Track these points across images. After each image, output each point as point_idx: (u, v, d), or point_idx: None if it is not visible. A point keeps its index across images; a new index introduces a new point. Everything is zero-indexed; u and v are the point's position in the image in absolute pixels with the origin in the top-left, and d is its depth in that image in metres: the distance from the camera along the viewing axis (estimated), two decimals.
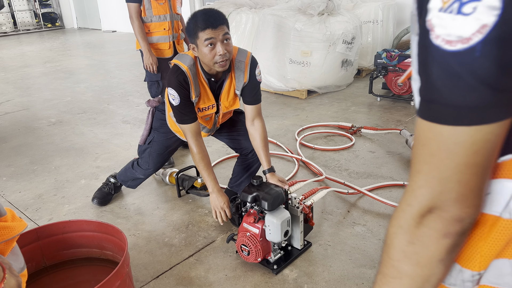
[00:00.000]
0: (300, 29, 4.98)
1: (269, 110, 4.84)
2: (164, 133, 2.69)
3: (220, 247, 2.44)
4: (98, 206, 2.88)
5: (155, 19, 3.52)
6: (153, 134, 2.73)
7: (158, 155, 2.73)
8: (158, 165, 2.77)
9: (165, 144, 2.72)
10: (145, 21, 3.54)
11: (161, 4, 3.50)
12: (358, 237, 2.48)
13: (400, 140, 3.80)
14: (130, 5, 3.48)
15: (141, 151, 2.79)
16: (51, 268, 2.11)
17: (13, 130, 4.49)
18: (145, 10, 3.48)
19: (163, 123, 2.67)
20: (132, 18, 3.52)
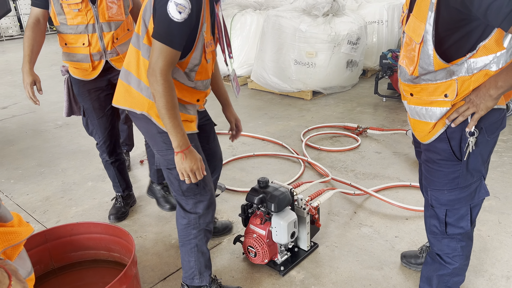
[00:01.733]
0: (305, 30, 4.98)
1: (274, 111, 4.85)
2: (89, 95, 2.55)
3: (226, 248, 2.45)
4: (116, 222, 2.77)
5: None
6: (81, 103, 2.61)
7: (100, 120, 2.61)
8: (107, 131, 2.66)
9: (98, 106, 2.58)
10: None
11: None
12: (365, 238, 2.47)
13: (406, 140, 3.78)
14: None
15: (86, 127, 2.70)
16: (59, 270, 2.12)
17: (20, 133, 4.52)
18: None
19: None
20: None
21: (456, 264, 1.72)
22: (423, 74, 1.48)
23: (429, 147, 1.61)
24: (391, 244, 2.41)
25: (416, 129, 1.65)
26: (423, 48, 1.42)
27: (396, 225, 2.59)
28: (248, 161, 3.58)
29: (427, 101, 1.53)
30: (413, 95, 1.57)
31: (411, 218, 2.65)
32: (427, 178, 1.67)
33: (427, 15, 1.36)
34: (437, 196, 1.64)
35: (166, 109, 1.61)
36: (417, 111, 1.58)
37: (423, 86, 1.51)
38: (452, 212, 1.63)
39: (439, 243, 1.72)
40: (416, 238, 2.44)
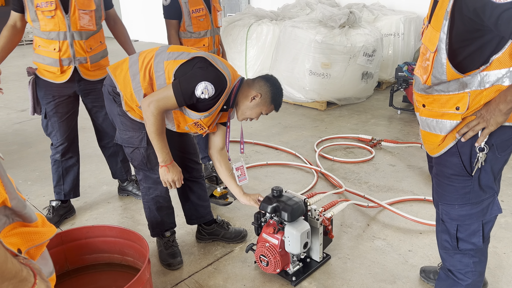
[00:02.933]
0: (321, 41, 5.00)
1: (288, 121, 4.86)
2: (53, 99, 2.66)
3: (238, 256, 2.45)
4: None
5: (195, 35, 3.16)
6: (44, 106, 2.69)
7: (61, 124, 2.73)
8: (66, 134, 2.78)
9: (60, 110, 2.70)
10: (184, 37, 3.16)
11: (202, 20, 3.13)
12: (378, 251, 2.45)
13: (421, 154, 3.76)
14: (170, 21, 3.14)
15: (45, 128, 2.77)
16: (73, 272, 2.15)
17: (38, 136, 4.60)
18: (185, 26, 3.11)
19: None
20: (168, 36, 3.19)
21: (469, 280, 1.69)
22: (436, 84, 1.48)
23: (440, 161, 1.61)
24: (404, 258, 2.38)
25: (426, 141, 1.65)
26: (436, 57, 1.43)
27: (409, 239, 2.56)
28: (261, 170, 3.59)
29: (438, 113, 1.53)
30: (425, 106, 1.58)
31: (425, 232, 2.62)
32: (438, 192, 1.66)
33: (442, 24, 1.38)
34: (448, 211, 1.62)
35: (155, 134, 2.01)
36: (428, 123, 1.59)
37: (436, 97, 1.51)
38: (463, 227, 1.61)
39: (451, 258, 1.70)
40: (430, 253, 2.42)
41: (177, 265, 2.38)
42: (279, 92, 2.16)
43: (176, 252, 2.43)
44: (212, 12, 3.18)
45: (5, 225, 0.82)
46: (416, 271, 2.28)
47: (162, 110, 1.98)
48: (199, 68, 1.97)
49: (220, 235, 2.59)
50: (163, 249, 2.43)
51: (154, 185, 2.30)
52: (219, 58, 2.10)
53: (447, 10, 1.35)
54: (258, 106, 2.13)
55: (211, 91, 1.95)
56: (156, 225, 2.44)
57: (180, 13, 3.06)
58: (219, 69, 2.00)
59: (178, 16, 3.08)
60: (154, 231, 2.46)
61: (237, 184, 2.38)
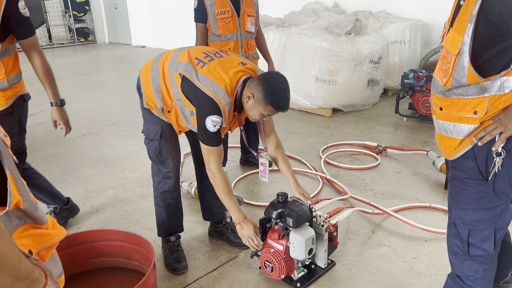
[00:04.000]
0: (327, 48, 5.02)
1: (293, 127, 4.87)
2: None
3: (243, 262, 2.45)
4: None
5: (221, 39, 3.14)
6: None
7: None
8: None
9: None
10: (211, 40, 3.16)
11: (227, 22, 3.10)
12: (383, 259, 2.45)
13: (427, 161, 3.75)
14: (197, 24, 3.15)
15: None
16: (79, 276, 2.16)
17: (45, 140, 4.66)
18: (211, 29, 3.11)
19: None
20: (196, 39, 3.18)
21: (477, 287, 1.69)
22: (455, 87, 1.49)
23: (455, 165, 1.61)
24: (409, 265, 2.38)
25: (442, 145, 1.65)
26: (458, 59, 1.44)
27: (415, 246, 2.55)
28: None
29: (455, 117, 1.53)
30: (442, 109, 1.58)
31: (431, 240, 2.61)
32: (452, 195, 1.66)
33: (467, 27, 1.39)
34: (461, 215, 1.62)
35: (224, 194, 2.15)
36: (444, 126, 1.59)
37: (454, 100, 1.52)
38: (475, 232, 1.61)
39: (460, 264, 1.69)
40: (436, 260, 2.41)
41: (182, 269, 2.39)
42: (273, 91, 1.97)
43: (181, 256, 2.45)
44: (241, 16, 3.15)
45: (17, 227, 0.83)
46: (421, 278, 2.27)
47: (218, 166, 2.12)
48: (195, 103, 2.05)
49: (225, 236, 2.65)
50: (168, 253, 2.45)
51: (164, 180, 2.39)
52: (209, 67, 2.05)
53: (473, 13, 1.37)
54: (254, 107, 2.05)
55: (218, 119, 2.02)
56: (162, 224, 2.48)
57: (206, 16, 3.09)
58: (205, 92, 2.00)
59: (204, 19, 3.10)
60: (160, 231, 2.51)
61: (287, 171, 2.34)
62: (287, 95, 2.02)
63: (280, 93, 1.99)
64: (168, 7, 11.32)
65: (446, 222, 2.79)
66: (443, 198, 3.13)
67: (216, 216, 2.66)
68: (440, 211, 2.95)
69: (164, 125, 2.30)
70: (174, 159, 2.39)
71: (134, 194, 3.33)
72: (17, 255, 0.72)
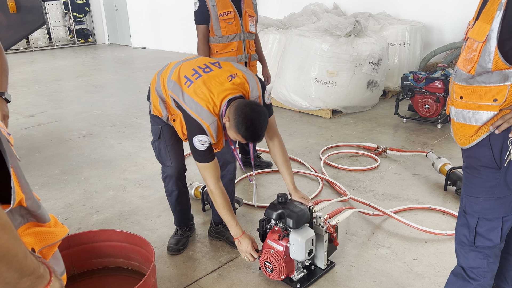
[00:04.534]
0: (327, 50, 5.03)
1: (293, 128, 4.88)
2: None
3: (243, 262, 2.46)
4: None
5: (223, 40, 3.15)
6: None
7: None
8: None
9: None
10: (213, 42, 3.18)
11: (230, 23, 3.12)
12: (383, 260, 2.45)
13: (426, 162, 3.76)
14: (199, 26, 3.16)
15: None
16: (79, 276, 2.16)
17: (45, 141, 4.66)
18: (214, 30, 3.13)
19: None
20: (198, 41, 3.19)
21: (480, 280, 1.71)
22: (479, 74, 1.52)
23: (470, 153, 1.64)
24: (409, 267, 2.38)
25: (458, 133, 1.67)
26: (485, 46, 1.48)
27: (414, 247, 2.56)
28: (266, 177, 3.61)
29: (475, 105, 1.57)
30: (462, 98, 1.61)
31: (430, 241, 2.62)
32: (465, 184, 1.70)
33: (495, 14, 1.43)
34: (472, 203, 1.66)
35: (221, 209, 2.19)
36: (463, 114, 1.62)
37: (475, 88, 1.55)
38: (484, 222, 1.64)
39: (465, 255, 1.73)
40: (435, 262, 2.41)
41: (171, 249, 2.58)
42: (244, 124, 1.96)
43: (179, 240, 2.63)
44: (243, 17, 3.17)
45: (20, 225, 0.84)
46: (421, 279, 2.27)
47: (214, 182, 2.16)
48: (184, 122, 2.13)
49: (224, 237, 2.67)
50: (173, 235, 2.70)
51: (166, 179, 2.54)
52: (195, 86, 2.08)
53: (502, 1, 1.42)
54: (230, 130, 2.05)
55: (204, 138, 2.07)
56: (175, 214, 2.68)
57: (208, 17, 3.09)
58: (190, 114, 2.06)
59: (206, 20, 3.10)
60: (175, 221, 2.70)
61: (287, 176, 2.38)
62: (256, 129, 1.99)
63: (249, 127, 1.97)
64: (168, 8, 11.34)
65: (446, 223, 2.80)
66: (443, 200, 3.14)
67: (217, 215, 2.64)
68: (440, 212, 2.95)
69: (163, 127, 2.37)
70: (173, 159, 2.43)
71: (134, 195, 3.34)
72: (23, 251, 0.72)
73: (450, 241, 2.61)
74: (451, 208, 2.96)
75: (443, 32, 6.61)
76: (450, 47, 6.15)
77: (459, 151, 4.04)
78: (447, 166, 3.32)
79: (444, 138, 4.43)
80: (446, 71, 4.74)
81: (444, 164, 3.37)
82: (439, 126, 4.75)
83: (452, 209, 2.95)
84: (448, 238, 2.64)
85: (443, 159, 3.43)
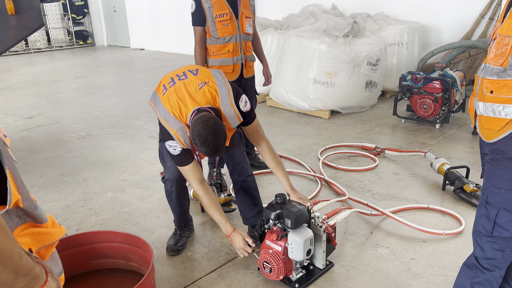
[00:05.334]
0: (325, 50, 5.04)
1: (292, 129, 4.88)
2: None
3: (242, 263, 2.46)
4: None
5: (220, 41, 3.15)
6: None
7: None
8: None
9: None
10: (210, 43, 3.18)
11: (226, 25, 3.12)
12: (381, 259, 2.46)
13: (425, 162, 3.76)
14: (195, 28, 3.17)
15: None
16: (78, 277, 2.17)
17: (44, 142, 4.66)
18: (210, 32, 3.14)
19: None
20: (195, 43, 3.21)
21: (494, 271, 1.74)
22: (511, 67, 1.56)
23: (496, 147, 1.66)
24: (407, 266, 2.39)
25: (486, 127, 1.69)
26: None
27: (412, 247, 2.57)
28: (265, 177, 3.61)
29: (505, 99, 1.60)
30: (493, 92, 1.64)
31: (428, 240, 2.62)
32: (488, 176, 1.73)
33: None
34: (494, 194, 1.68)
35: (208, 208, 2.27)
36: (493, 108, 1.65)
37: (507, 82, 1.58)
38: (504, 212, 1.67)
39: (481, 245, 1.75)
40: (433, 261, 2.42)
41: (170, 250, 2.58)
42: (197, 141, 2.00)
43: (178, 240, 2.64)
44: (239, 18, 3.17)
45: (17, 225, 0.84)
46: (419, 279, 2.28)
47: (198, 183, 2.23)
48: None
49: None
50: (172, 235, 2.70)
51: (166, 181, 2.56)
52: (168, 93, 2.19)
53: None
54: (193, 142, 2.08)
55: (174, 143, 2.16)
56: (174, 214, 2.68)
57: (204, 19, 3.11)
58: (160, 121, 2.20)
59: (203, 22, 3.12)
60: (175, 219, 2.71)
61: (282, 177, 2.40)
62: (209, 146, 2.00)
63: (203, 144, 2.00)
64: (166, 9, 11.35)
65: (444, 223, 2.81)
66: (441, 199, 3.15)
67: (249, 220, 2.64)
68: (438, 212, 2.96)
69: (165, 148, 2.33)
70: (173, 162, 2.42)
71: (133, 196, 3.34)
72: (18, 251, 0.73)
73: (448, 240, 2.62)
74: (449, 208, 2.97)
75: (441, 33, 6.62)
76: (448, 47, 6.17)
77: (457, 151, 4.06)
78: (445, 166, 3.33)
79: (443, 138, 4.44)
80: (444, 71, 4.75)
81: (442, 164, 3.37)
82: (437, 126, 4.75)
83: (450, 208, 2.96)
84: (446, 238, 2.64)
85: (441, 159, 3.44)
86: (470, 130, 4.59)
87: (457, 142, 4.30)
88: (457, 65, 6.25)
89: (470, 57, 6.15)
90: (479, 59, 6.08)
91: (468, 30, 6.33)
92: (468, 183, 3.09)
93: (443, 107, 4.68)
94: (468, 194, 3.07)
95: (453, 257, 2.46)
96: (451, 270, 2.34)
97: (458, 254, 2.48)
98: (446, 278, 2.28)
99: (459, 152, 4.04)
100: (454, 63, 6.26)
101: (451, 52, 6.21)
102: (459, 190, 3.13)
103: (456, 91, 4.70)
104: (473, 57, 6.14)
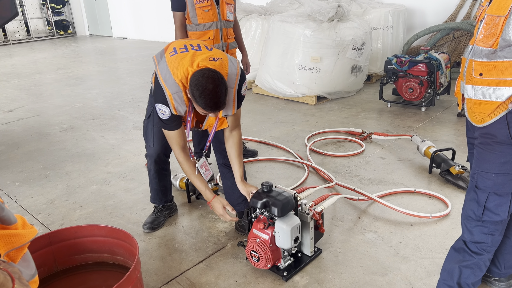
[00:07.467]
0: (310, 35, 4.99)
1: (278, 116, 4.85)
2: None
3: (230, 253, 2.44)
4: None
5: (200, 28, 3.08)
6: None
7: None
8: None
9: None
10: (190, 30, 3.11)
11: (206, 11, 3.06)
12: (369, 244, 2.46)
13: (411, 146, 3.77)
14: (175, 13, 3.10)
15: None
16: (62, 273, 2.12)
17: (25, 136, 4.55)
18: (190, 18, 3.07)
19: None
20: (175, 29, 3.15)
21: (482, 254, 1.75)
22: (501, 48, 1.52)
23: (486, 130, 1.64)
24: (395, 250, 2.39)
25: (476, 110, 1.66)
26: (508, 19, 1.49)
27: (400, 231, 2.57)
28: (252, 166, 3.59)
29: (495, 81, 1.57)
30: (482, 74, 1.61)
31: (416, 224, 2.63)
32: (477, 160, 1.71)
33: None
34: (484, 178, 1.67)
35: (190, 175, 2.31)
36: (483, 91, 1.61)
37: (497, 63, 1.55)
38: (494, 197, 1.67)
39: (471, 230, 1.75)
40: (421, 244, 2.43)
41: (146, 228, 2.68)
42: (196, 92, 1.94)
43: (155, 218, 2.72)
44: (220, 4, 3.10)
45: None
46: (407, 262, 2.29)
47: (178, 148, 2.26)
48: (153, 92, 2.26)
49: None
50: (151, 213, 2.78)
51: (147, 158, 2.63)
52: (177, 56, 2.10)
53: None
54: (194, 103, 2.03)
55: (164, 108, 2.11)
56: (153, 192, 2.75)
57: (184, 4, 3.03)
58: (159, 79, 2.11)
59: (182, 7, 3.04)
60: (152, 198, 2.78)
61: (237, 168, 2.36)
62: (210, 96, 1.93)
63: (202, 94, 1.94)
64: None
65: (431, 206, 2.82)
66: (428, 182, 3.16)
67: (236, 207, 2.54)
68: (425, 195, 2.97)
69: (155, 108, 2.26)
70: (156, 141, 2.52)
71: (118, 188, 3.28)
72: None
73: (435, 223, 2.63)
74: (436, 191, 2.98)
75: (425, 15, 6.61)
76: (432, 30, 6.16)
77: (443, 133, 4.07)
78: (432, 149, 3.34)
79: (428, 121, 4.45)
80: (429, 54, 4.74)
81: (428, 147, 3.38)
82: (423, 109, 4.76)
83: (437, 191, 2.97)
84: (433, 220, 2.66)
85: (427, 142, 3.45)
86: (456, 112, 4.61)
87: (442, 125, 4.32)
88: (441, 47, 6.26)
89: (455, 39, 6.16)
90: (463, 41, 6.09)
91: (452, 12, 6.32)
92: (454, 165, 3.10)
93: (428, 90, 4.68)
94: (454, 176, 3.08)
95: (440, 240, 2.47)
96: (438, 253, 2.35)
97: (445, 236, 2.50)
98: (434, 260, 2.29)
99: (445, 134, 4.06)
100: (438, 46, 6.27)
101: (436, 34, 6.21)
102: (445, 173, 3.15)
103: (441, 74, 4.70)
104: (457, 39, 6.15)
